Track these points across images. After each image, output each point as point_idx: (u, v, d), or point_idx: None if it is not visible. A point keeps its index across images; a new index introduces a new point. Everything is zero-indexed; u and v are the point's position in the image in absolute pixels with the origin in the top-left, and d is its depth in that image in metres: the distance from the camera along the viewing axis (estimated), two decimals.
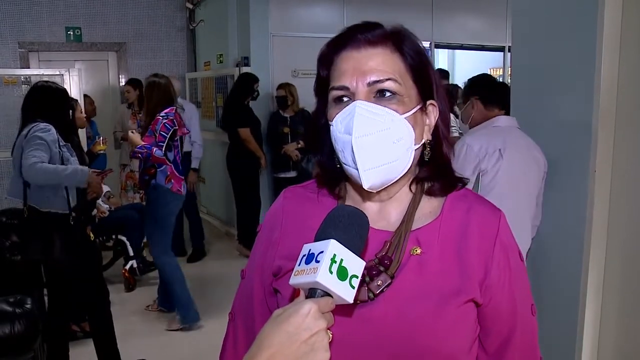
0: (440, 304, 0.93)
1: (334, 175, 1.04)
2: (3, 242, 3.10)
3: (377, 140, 0.93)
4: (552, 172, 2.52)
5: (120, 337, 3.50)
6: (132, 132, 4.04)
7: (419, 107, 0.99)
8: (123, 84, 6.99)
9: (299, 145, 5.81)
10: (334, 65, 0.99)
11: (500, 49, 7.72)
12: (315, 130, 1.06)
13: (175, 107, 4.09)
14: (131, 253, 4.99)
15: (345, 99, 0.97)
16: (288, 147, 5.82)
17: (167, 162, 4.00)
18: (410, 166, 0.99)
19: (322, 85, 1.02)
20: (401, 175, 0.98)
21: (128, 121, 6.14)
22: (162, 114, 3.99)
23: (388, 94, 0.95)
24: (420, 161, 1.02)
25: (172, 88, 4.19)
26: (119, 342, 3.45)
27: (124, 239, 5.00)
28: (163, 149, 3.93)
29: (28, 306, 2.32)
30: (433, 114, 1.02)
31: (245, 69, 6.09)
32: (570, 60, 2.38)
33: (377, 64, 0.95)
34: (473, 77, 2.99)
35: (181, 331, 4.13)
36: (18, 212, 3.18)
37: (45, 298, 3.36)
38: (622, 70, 2.21)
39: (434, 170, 1.03)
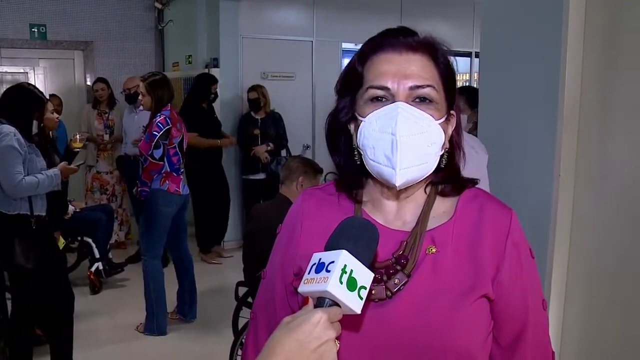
0: (456, 301, 0.97)
1: (353, 177, 1.07)
2: None
3: (415, 141, 0.96)
4: (517, 175, 2.57)
5: (85, 340, 3.44)
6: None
7: (446, 115, 1.03)
8: (89, 83, 6.87)
9: (269, 148, 5.80)
10: (371, 64, 1.02)
11: (468, 54, 7.84)
12: (334, 129, 1.08)
13: (170, 105, 3.98)
14: (97, 255, 4.90)
15: (383, 99, 0.99)
16: (258, 149, 5.81)
17: (157, 162, 3.83)
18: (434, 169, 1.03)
19: (355, 83, 1.03)
20: (426, 176, 1.02)
21: (94, 121, 6.04)
22: (158, 113, 3.90)
23: (427, 99, 0.99)
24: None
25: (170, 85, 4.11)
26: (83, 345, 3.39)
27: (89, 240, 4.90)
28: (152, 148, 3.80)
29: None
30: (451, 124, 1.06)
31: (214, 71, 6.02)
32: (534, 69, 2.43)
33: (418, 69, 0.99)
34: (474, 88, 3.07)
35: (147, 334, 4.06)
36: None
37: (8, 302, 3.28)
38: (585, 76, 2.28)
39: (447, 175, 1.06)
